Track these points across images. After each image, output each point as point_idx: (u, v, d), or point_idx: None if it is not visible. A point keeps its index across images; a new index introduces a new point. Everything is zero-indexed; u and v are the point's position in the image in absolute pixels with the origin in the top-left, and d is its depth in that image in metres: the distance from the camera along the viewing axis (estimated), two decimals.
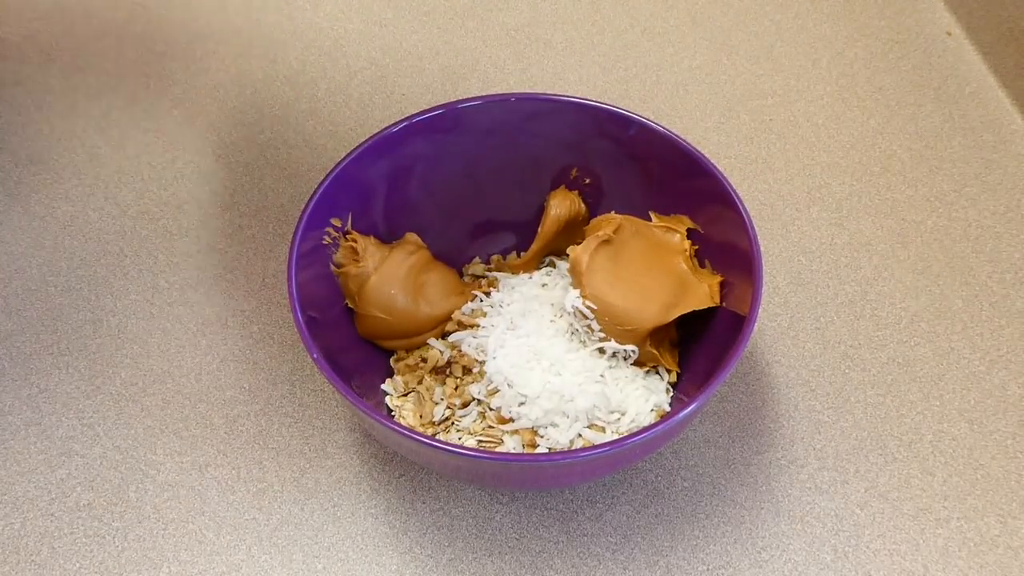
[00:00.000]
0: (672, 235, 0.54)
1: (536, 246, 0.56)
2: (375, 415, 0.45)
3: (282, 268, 0.60)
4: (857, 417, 0.55)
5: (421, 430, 0.51)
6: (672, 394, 0.52)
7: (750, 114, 0.67)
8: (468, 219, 0.58)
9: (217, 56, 0.70)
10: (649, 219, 0.55)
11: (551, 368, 0.51)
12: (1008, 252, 0.60)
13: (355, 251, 0.53)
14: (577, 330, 0.52)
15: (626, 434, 0.49)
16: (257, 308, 0.59)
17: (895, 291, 0.59)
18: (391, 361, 0.55)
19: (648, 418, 0.51)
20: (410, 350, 0.54)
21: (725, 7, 0.72)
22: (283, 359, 0.57)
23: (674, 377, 0.53)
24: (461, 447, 0.46)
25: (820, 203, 0.63)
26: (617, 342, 0.51)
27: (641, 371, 0.52)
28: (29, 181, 0.64)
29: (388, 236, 0.55)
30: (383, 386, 0.54)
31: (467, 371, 0.52)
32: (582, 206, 0.56)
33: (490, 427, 0.51)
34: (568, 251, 0.52)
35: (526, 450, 0.50)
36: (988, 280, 0.59)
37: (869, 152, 0.65)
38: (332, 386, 0.46)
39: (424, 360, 0.54)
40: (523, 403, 0.50)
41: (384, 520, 0.52)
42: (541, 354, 0.51)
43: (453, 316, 0.54)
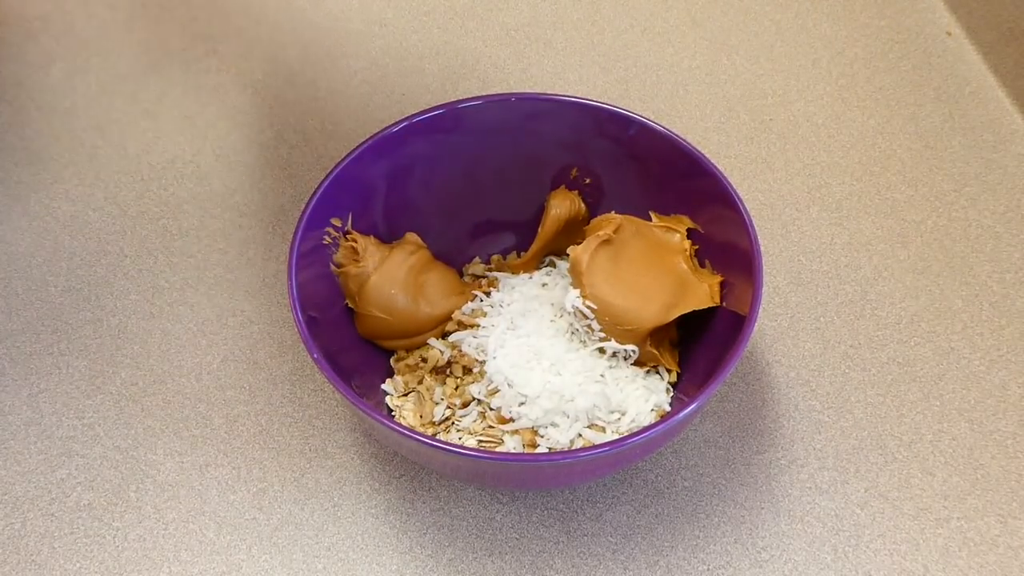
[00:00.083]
0: (672, 235, 0.54)
1: (536, 246, 0.56)
2: (375, 415, 0.45)
3: (282, 268, 0.60)
4: (857, 417, 0.55)
5: (421, 430, 0.51)
6: (672, 394, 0.52)
7: (750, 114, 0.67)
8: (468, 219, 0.58)
9: (217, 56, 0.70)
10: (649, 219, 0.55)
11: (551, 368, 0.51)
12: (1008, 252, 0.60)
13: (355, 251, 0.53)
14: (577, 330, 0.52)
15: (626, 434, 0.49)
16: (257, 308, 0.59)
17: (895, 291, 0.59)
18: (391, 361, 0.55)
19: (648, 418, 0.51)
20: (410, 350, 0.54)
21: (725, 7, 0.72)
22: (283, 359, 0.57)
23: (674, 377, 0.53)
24: (461, 447, 0.46)
25: (820, 203, 0.63)
26: (617, 342, 0.51)
27: (641, 371, 0.52)
28: (29, 181, 0.64)
29: (388, 236, 0.55)
30: (383, 386, 0.54)
31: (467, 371, 0.52)
32: (582, 206, 0.56)
33: (490, 427, 0.51)
34: (568, 251, 0.52)
35: (526, 450, 0.50)
36: (988, 280, 0.59)
37: (869, 152, 0.65)
38: (332, 386, 0.46)
39: (424, 360, 0.54)
40: (523, 403, 0.50)
41: (384, 520, 0.52)
42: (541, 354, 0.51)
43: (453, 316, 0.54)
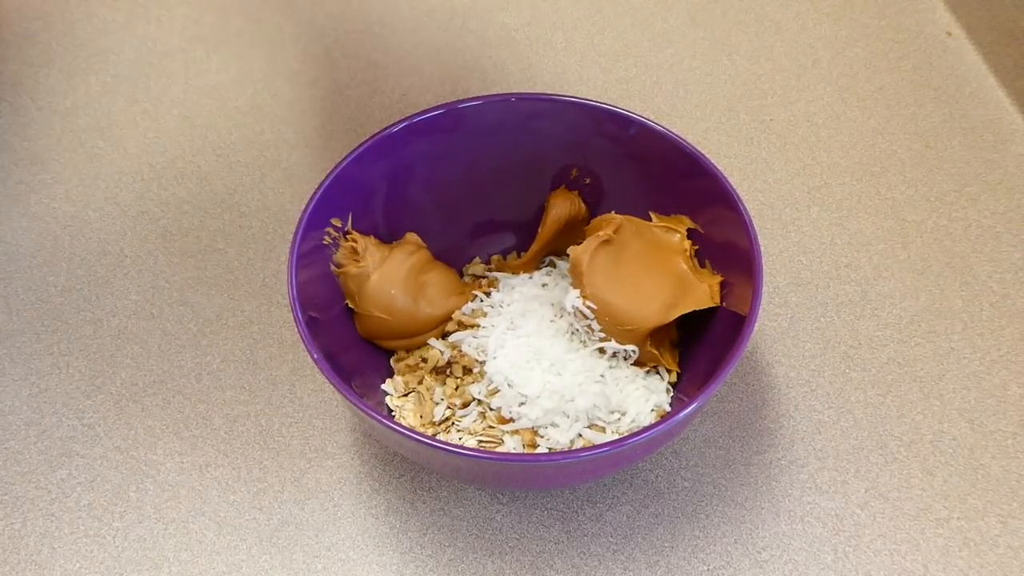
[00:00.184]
0: (672, 235, 0.54)
1: (536, 246, 0.56)
2: (375, 415, 0.45)
3: (282, 268, 0.60)
4: (857, 417, 0.55)
5: (421, 430, 0.51)
6: (672, 394, 0.52)
7: (750, 114, 0.67)
8: (468, 219, 0.58)
9: (217, 56, 0.70)
10: (649, 219, 0.55)
11: (551, 368, 0.51)
12: (1008, 252, 0.60)
13: (355, 251, 0.53)
14: (577, 330, 0.52)
15: (626, 434, 0.49)
16: (257, 308, 0.59)
17: (895, 291, 0.59)
18: (391, 361, 0.55)
19: (648, 418, 0.51)
20: (410, 350, 0.54)
21: (725, 7, 0.72)
22: (283, 359, 0.57)
23: (674, 377, 0.53)
24: (461, 447, 0.46)
25: (820, 203, 0.63)
26: (617, 342, 0.51)
27: (641, 371, 0.52)
28: (29, 181, 0.64)
29: (388, 236, 0.55)
30: (383, 386, 0.54)
31: (467, 371, 0.52)
32: (582, 206, 0.56)
33: (490, 427, 0.51)
34: (568, 251, 0.52)
35: (526, 450, 0.50)
36: (988, 280, 0.59)
37: (869, 152, 0.65)
38: (332, 386, 0.46)
39: (424, 360, 0.54)
40: (523, 403, 0.50)
41: (384, 520, 0.52)
42: (541, 354, 0.51)
43: (453, 316, 0.54)
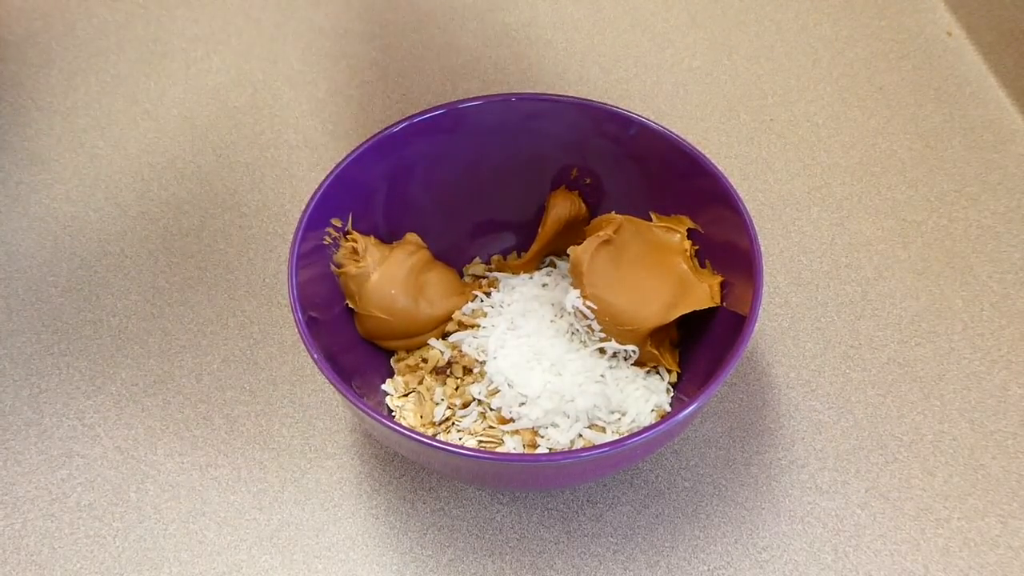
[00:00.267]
0: (672, 235, 0.54)
1: (536, 246, 0.56)
2: (376, 415, 0.45)
3: (282, 268, 0.60)
4: (857, 417, 0.55)
5: (421, 430, 0.51)
6: (672, 394, 0.52)
7: (750, 114, 0.67)
8: (468, 219, 0.58)
9: (217, 56, 0.70)
10: (649, 219, 0.55)
11: (551, 368, 0.51)
12: (1008, 252, 0.60)
13: (355, 251, 0.53)
14: (577, 330, 0.52)
15: (626, 434, 0.49)
16: (257, 308, 0.59)
17: (895, 291, 0.59)
18: (391, 361, 0.55)
19: (648, 418, 0.51)
20: (410, 350, 0.54)
21: (725, 7, 0.72)
22: (283, 359, 0.57)
23: (674, 377, 0.53)
24: (461, 447, 0.46)
25: (820, 203, 0.63)
26: (617, 342, 0.51)
27: (641, 371, 0.52)
28: (29, 181, 0.64)
29: (388, 236, 0.55)
30: (383, 386, 0.54)
31: (467, 371, 0.52)
32: (583, 206, 0.56)
33: (491, 427, 0.51)
34: (568, 251, 0.52)
35: (526, 450, 0.50)
36: (988, 280, 0.59)
37: (869, 152, 0.65)
38: (332, 386, 0.46)
39: (424, 360, 0.54)
40: (524, 403, 0.50)
41: (384, 520, 0.52)
42: (541, 354, 0.51)
43: (453, 316, 0.54)
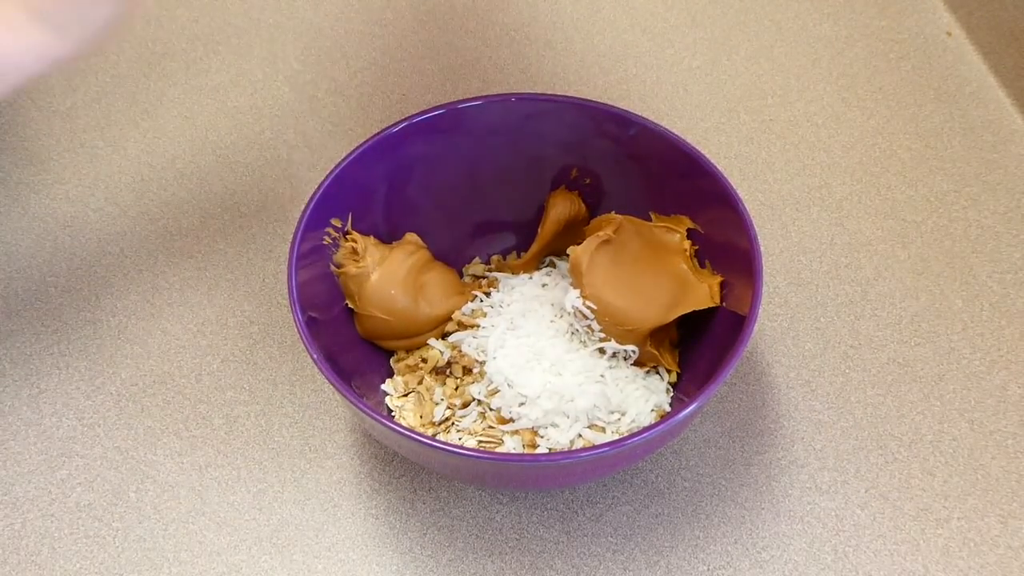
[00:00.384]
0: (672, 235, 0.54)
1: (536, 246, 0.56)
2: (375, 415, 0.45)
3: (282, 268, 0.60)
4: (857, 417, 0.55)
5: (421, 430, 0.51)
6: (672, 394, 0.52)
7: (750, 114, 0.67)
8: (468, 219, 0.58)
9: (217, 56, 0.70)
10: (649, 219, 0.55)
11: (551, 368, 0.51)
12: (1008, 252, 0.60)
13: (355, 251, 0.53)
14: (577, 330, 0.52)
15: (626, 434, 0.49)
16: (257, 308, 0.59)
17: (895, 291, 0.59)
18: (391, 361, 0.55)
19: (648, 418, 0.51)
20: (410, 350, 0.54)
21: (725, 7, 0.72)
22: (283, 359, 0.57)
23: (674, 377, 0.53)
24: (461, 447, 0.46)
25: (820, 203, 0.63)
26: (617, 342, 0.51)
27: (641, 371, 0.52)
28: (29, 181, 0.64)
29: (388, 236, 0.55)
30: (383, 386, 0.54)
31: (467, 371, 0.52)
32: (582, 206, 0.56)
33: (490, 427, 0.51)
34: (568, 251, 0.52)
35: (526, 450, 0.50)
36: (988, 280, 0.59)
37: (869, 152, 0.65)
38: (332, 386, 0.46)
39: (424, 360, 0.54)
40: (523, 403, 0.50)
41: (384, 520, 0.52)
42: (541, 354, 0.51)
43: (453, 316, 0.54)
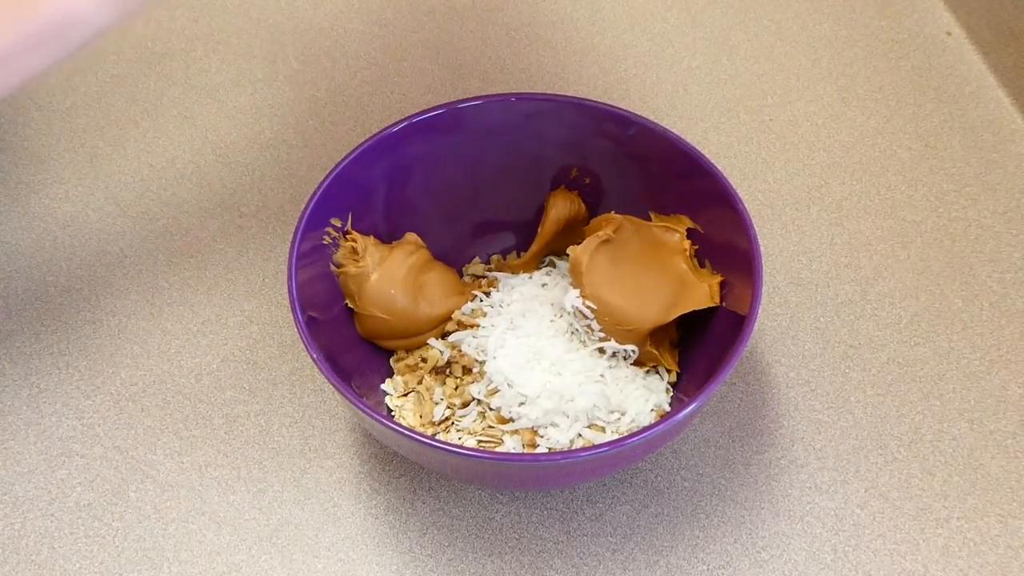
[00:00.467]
0: (672, 235, 0.54)
1: (536, 246, 0.56)
2: (375, 415, 0.45)
3: (282, 268, 0.60)
4: (857, 417, 0.55)
5: (421, 430, 0.51)
6: (672, 394, 0.52)
7: (750, 114, 0.67)
8: (468, 219, 0.58)
9: (217, 56, 0.70)
10: (649, 219, 0.55)
11: (551, 368, 0.51)
12: (1008, 252, 0.60)
13: (355, 251, 0.53)
14: (577, 330, 0.52)
15: (626, 434, 0.49)
16: (257, 308, 0.59)
17: (895, 291, 0.59)
18: (391, 361, 0.55)
19: (648, 418, 0.51)
20: (410, 350, 0.54)
21: (725, 7, 0.72)
22: (283, 359, 0.57)
23: (674, 377, 0.53)
24: (461, 447, 0.46)
25: (820, 203, 0.63)
26: (617, 342, 0.51)
27: (641, 371, 0.52)
28: (29, 181, 0.64)
29: (388, 236, 0.55)
30: (383, 386, 0.54)
31: (467, 371, 0.52)
32: (582, 206, 0.56)
33: (490, 427, 0.51)
34: (568, 251, 0.52)
35: (526, 450, 0.50)
36: (988, 280, 0.59)
37: (869, 152, 0.65)
38: (332, 386, 0.46)
39: (424, 360, 0.54)
40: (523, 403, 0.50)
41: (384, 520, 0.52)
42: (541, 354, 0.51)
43: (453, 316, 0.54)
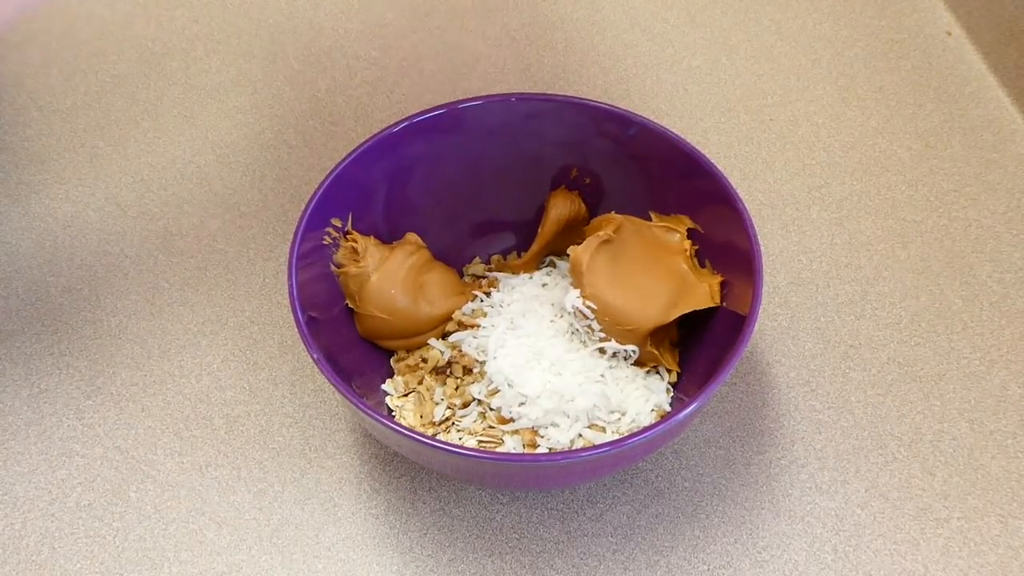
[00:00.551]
0: (672, 235, 0.54)
1: (536, 246, 0.56)
2: (375, 415, 0.45)
3: (282, 268, 0.60)
4: (857, 417, 0.55)
5: (421, 430, 0.51)
6: (672, 394, 0.52)
7: (750, 114, 0.67)
8: (468, 219, 0.58)
9: (217, 56, 0.70)
10: (649, 219, 0.55)
11: (551, 368, 0.51)
12: (1008, 252, 0.60)
13: (355, 251, 0.53)
14: (577, 330, 0.52)
15: (626, 434, 0.49)
16: (257, 308, 0.59)
17: (895, 291, 0.59)
18: (391, 361, 0.55)
19: (648, 418, 0.51)
20: (410, 350, 0.54)
21: (725, 7, 0.72)
22: (283, 359, 0.57)
23: (674, 377, 0.53)
24: (461, 447, 0.46)
25: (820, 203, 0.63)
26: (617, 342, 0.51)
27: (641, 371, 0.52)
28: (29, 181, 0.64)
29: (388, 236, 0.55)
30: (383, 386, 0.54)
31: (467, 371, 0.52)
32: (582, 206, 0.56)
33: (490, 427, 0.51)
34: (568, 251, 0.52)
35: (526, 450, 0.50)
36: (988, 280, 0.59)
37: (869, 152, 0.65)
38: (332, 386, 0.46)
39: (424, 360, 0.54)
40: (523, 403, 0.50)
41: (384, 520, 0.52)
42: (541, 354, 0.51)
43: (453, 316, 0.54)
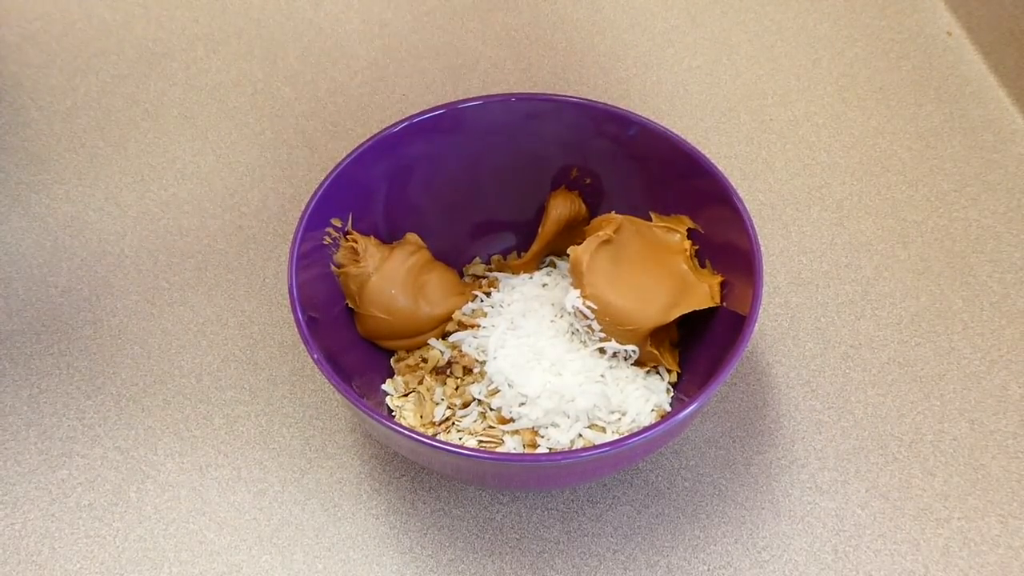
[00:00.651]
0: (672, 235, 0.54)
1: (536, 246, 0.56)
2: (376, 415, 0.45)
3: (282, 268, 0.60)
4: (857, 417, 0.55)
5: (422, 430, 0.51)
6: (672, 394, 0.52)
7: (750, 114, 0.67)
8: (468, 219, 0.58)
9: (217, 56, 0.70)
10: (649, 219, 0.55)
11: (552, 368, 0.51)
12: (1008, 252, 0.60)
13: (355, 251, 0.53)
14: (578, 330, 0.52)
15: (626, 434, 0.49)
16: (257, 308, 0.59)
17: (895, 291, 0.59)
18: (391, 361, 0.55)
19: (648, 418, 0.51)
20: (411, 350, 0.54)
21: (725, 7, 0.72)
22: (283, 359, 0.57)
23: (674, 377, 0.53)
24: (461, 447, 0.46)
25: (820, 203, 0.63)
26: (618, 342, 0.51)
27: (641, 371, 0.52)
28: (29, 181, 0.64)
29: (388, 236, 0.55)
30: (383, 386, 0.54)
31: (468, 371, 0.52)
32: (582, 206, 0.56)
33: (491, 427, 0.51)
34: (568, 251, 0.52)
35: (527, 450, 0.50)
36: (988, 280, 0.59)
37: (869, 152, 0.65)
38: (332, 386, 0.46)
39: (425, 360, 0.54)
40: (524, 403, 0.50)
41: (384, 520, 0.52)
42: (542, 354, 0.51)
43: (454, 316, 0.54)
